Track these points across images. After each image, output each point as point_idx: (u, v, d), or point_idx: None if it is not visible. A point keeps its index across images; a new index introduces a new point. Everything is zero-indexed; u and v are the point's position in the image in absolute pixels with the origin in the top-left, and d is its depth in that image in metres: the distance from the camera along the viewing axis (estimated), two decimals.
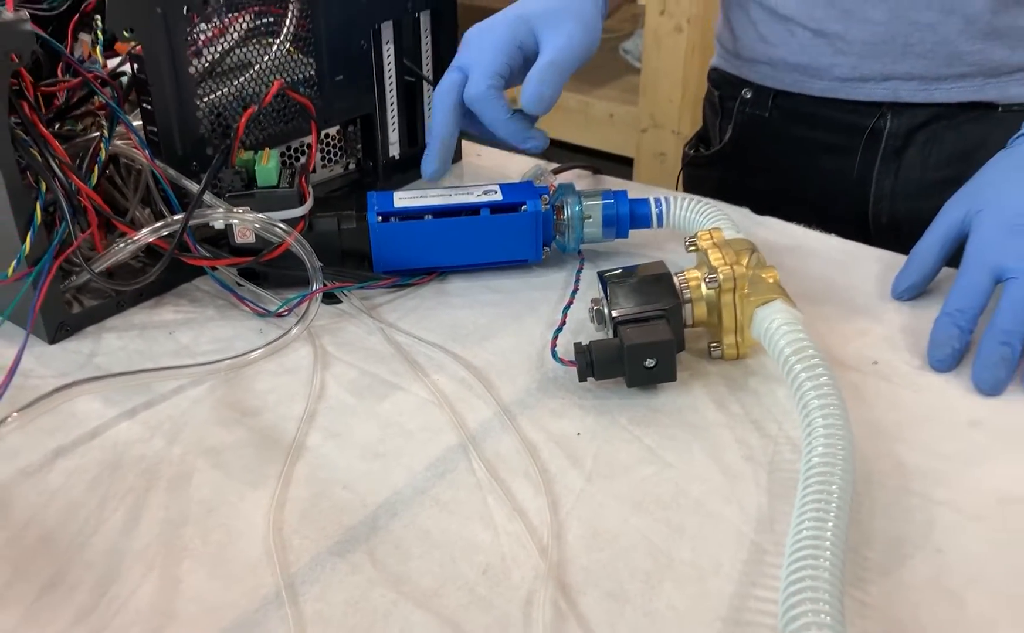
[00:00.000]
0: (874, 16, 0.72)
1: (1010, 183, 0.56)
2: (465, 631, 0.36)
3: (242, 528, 0.41)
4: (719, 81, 0.89)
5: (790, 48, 0.79)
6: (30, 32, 0.49)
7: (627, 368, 0.48)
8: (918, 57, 0.72)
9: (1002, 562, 0.39)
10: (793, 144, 0.82)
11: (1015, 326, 0.50)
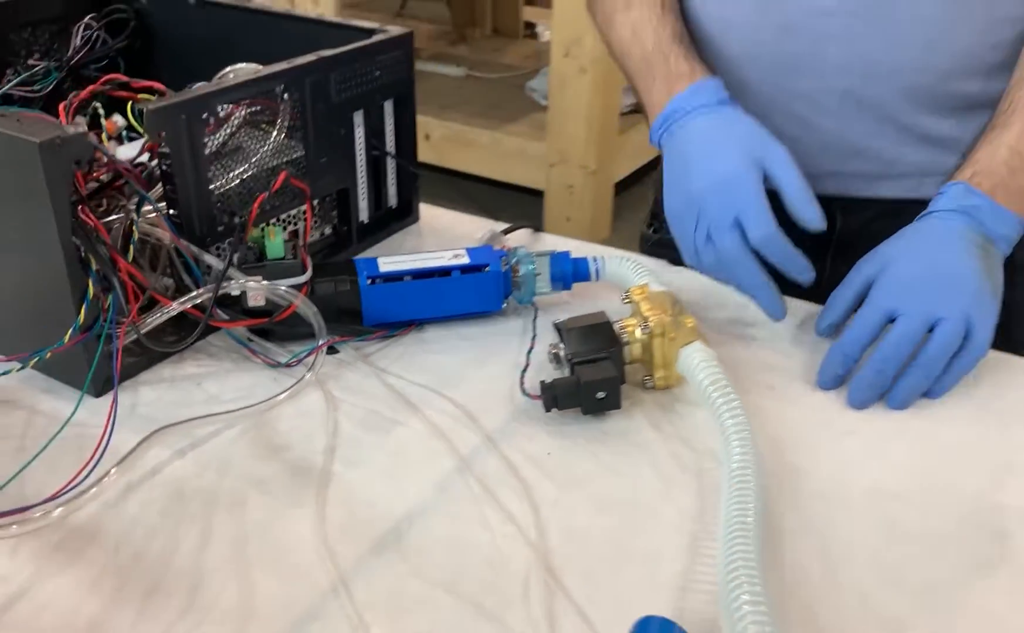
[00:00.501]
0: (824, 124, 0.80)
1: (910, 250, 0.68)
2: (481, 607, 0.48)
3: (294, 541, 0.52)
4: None
5: None
6: (89, 143, 0.59)
7: (583, 400, 0.61)
8: (864, 159, 0.81)
9: (868, 541, 0.53)
10: None
11: (893, 355, 0.63)
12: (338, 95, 0.78)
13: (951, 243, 0.67)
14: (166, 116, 0.64)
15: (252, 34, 0.94)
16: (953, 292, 0.65)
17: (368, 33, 0.85)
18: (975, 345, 0.64)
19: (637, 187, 3.21)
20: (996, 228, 0.68)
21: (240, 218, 0.70)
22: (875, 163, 0.82)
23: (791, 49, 0.79)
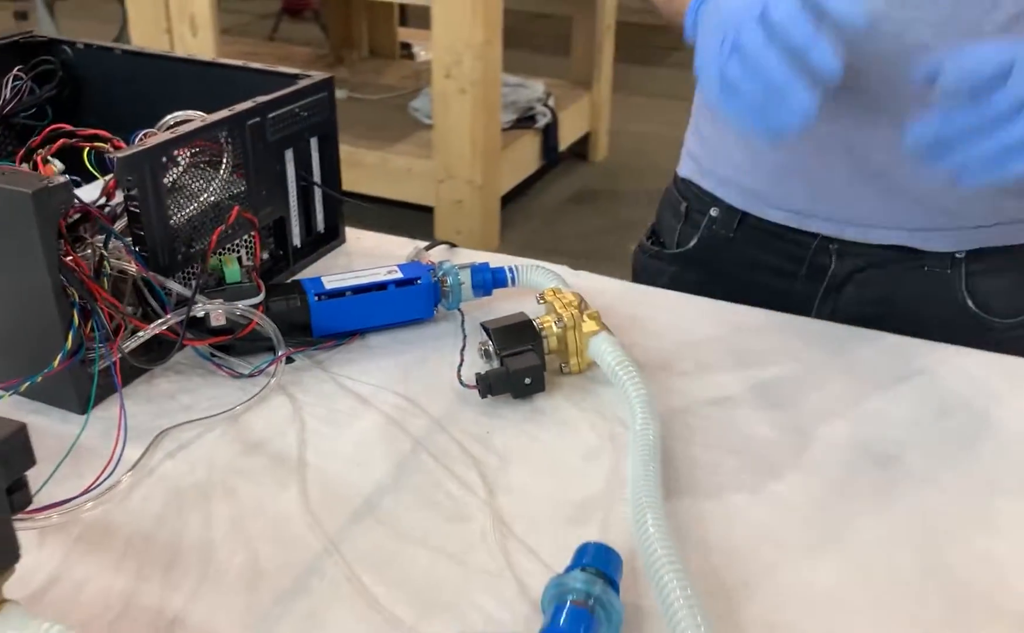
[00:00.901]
0: (833, 164, 0.85)
1: None
2: (449, 553, 0.59)
3: (284, 516, 0.62)
4: (688, 193, 1.01)
5: (757, 172, 0.92)
6: (72, 191, 0.67)
7: (513, 386, 0.73)
8: (858, 207, 0.87)
9: (743, 471, 0.66)
10: (748, 262, 0.96)
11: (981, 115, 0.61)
12: (272, 135, 0.88)
13: None
14: (134, 162, 0.73)
15: (177, 81, 1.02)
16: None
17: (291, 78, 0.95)
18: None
19: (522, 198, 3.36)
20: None
21: (197, 247, 0.79)
22: (870, 213, 0.87)
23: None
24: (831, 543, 0.60)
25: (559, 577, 0.53)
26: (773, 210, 0.93)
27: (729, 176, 0.97)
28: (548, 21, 4.90)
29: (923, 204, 0.86)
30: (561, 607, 0.51)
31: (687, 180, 1.03)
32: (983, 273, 0.88)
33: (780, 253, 0.94)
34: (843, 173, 0.86)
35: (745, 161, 0.94)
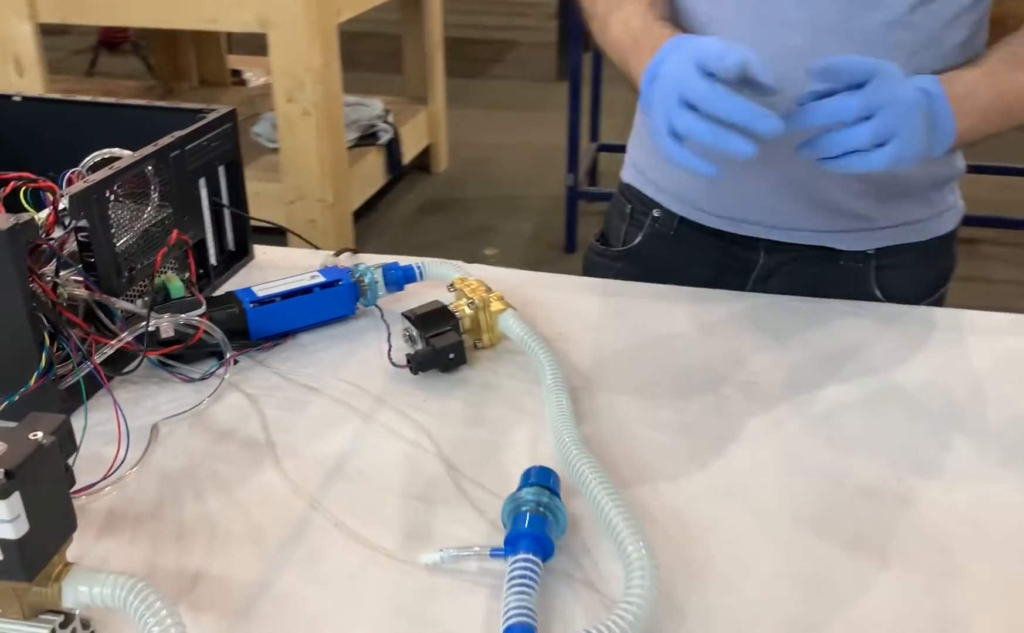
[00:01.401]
0: (763, 177, 0.97)
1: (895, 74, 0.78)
2: (414, 495, 0.71)
3: (268, 486, 0.72)
4: (632, 197, 1.13)
5: (695, 186, 1.05)
6: (37, 226, 0.75)
7: (439, 361, 0.86)
8: (777, 212, 1.01)
9: (634, 397, 0.82)
10: (686, 257, 1.08)
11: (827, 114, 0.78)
12: (190, 165, 0.97)
13: (907, 84, 0.79)
14: (84, 197, 0.81)
15: (80, 123, 1.09)
16: (894, 104, 0.77)
17: (193, 114, 1.03)
18: (887, 153, 0.77)
19: (372, 213, 3.46)
20: (940, 112, 0.81)
21: (137, 269, 0.88)
22: (792, 218, 1.01)
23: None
24: (707, 456, 0.77)
25: (513, 495, 0.67)
26: (708, 216, 1.06)
27: (668, 186, 1.09)
28: (375, 39, 5.01)
29: (839, 210, 1.00)
30: (520, 516, 0.65)
31: (631, 185, 1.15)
32: (890, 267, 1.03)
33: (715, 249, 1.07)
34: (769, 186, 0.99)
35: (683, 176, 1.02)
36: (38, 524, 0.53)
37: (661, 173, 1.10)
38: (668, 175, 1.09)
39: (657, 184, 1.11)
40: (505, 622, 0.58)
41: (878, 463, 0.75)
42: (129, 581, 0.54)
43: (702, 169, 0.79)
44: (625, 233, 1.15)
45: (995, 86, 0.86)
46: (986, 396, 0.84)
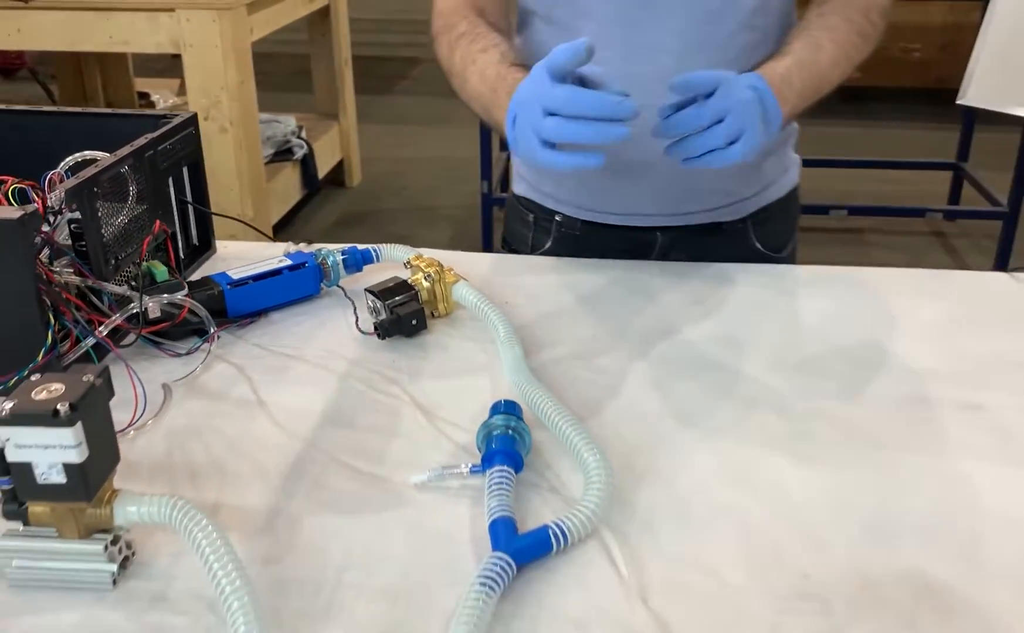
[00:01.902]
0: (643, 176, 1.12)
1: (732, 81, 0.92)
2: (397, 433, 0.82)
3: (267, 434, 0.82)
4: (531, 207, 1.24)
5: (590, 194, 1.18)
6: (41, 216, 0.83)
7: (403, 328, 0.97)
8: (668, 205, 1.16)
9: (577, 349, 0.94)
10: (594, 250, 1.18)
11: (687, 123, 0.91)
12: (161, 165, 1.06)
13: (743, 87, 0.92)
14: (78, 192, 0.89)
15: (45, 131, 1.16)
16: (741, 106, 0.91)
17: (156, 119, 1.12)
18: (737, 149, 0.91)
19: (291, 228, 3.52)
20: (769, 106, 0.95)
21: (122, 258, 0.96)
22: (675, 207, 1.16)
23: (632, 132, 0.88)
24: (643, 391, 0.90)
25: (485, 422, 0.78)
26: (607, 215, 1.19)
27: (565, 197, 1.21)
28: (283, 60, 5.05)
29: (717, 190, 1.17)
30: (493, 438, 0.76)
31: (527, 197, 1.26)
32: (762, 223, 1.21)
33: (618, 239, 1.19)
34: (655, 183, 1.13)
35: (576, 187, 1.18)
36: (94, 451, 0.62)
37: (555, 187, 1.22)
38: (561, 187, 1.21)
39: (555, 197, 1.23)
40: (490, 518, 0.69)
41: (781, 378, 0.89)
42: (172, 499, 0.64)
43: (589, 162, 0.86)
44: (533, 239, 1.26)
45: (803, 70, 1.01)
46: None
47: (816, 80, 1.03)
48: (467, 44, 1.06)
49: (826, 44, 1.04)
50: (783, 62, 1.01)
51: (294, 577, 0.66)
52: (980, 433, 0.82)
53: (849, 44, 1.05)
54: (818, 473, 0.77)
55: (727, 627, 0.62)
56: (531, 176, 1.26)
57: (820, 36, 1.04)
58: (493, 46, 1.04)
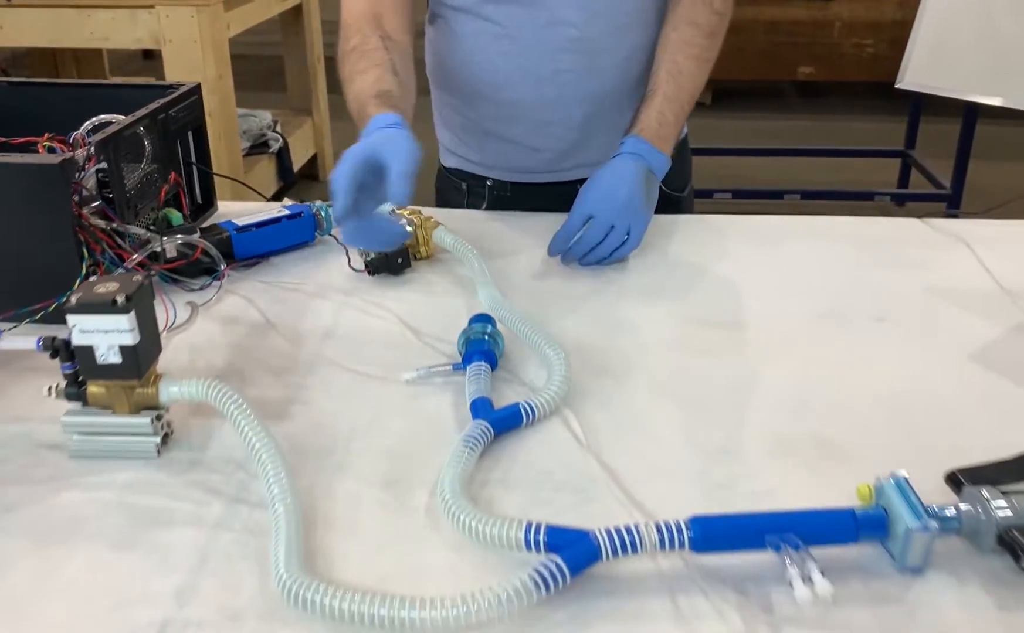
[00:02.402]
0: (568, 137, 1.26)
1: (602, 179, 1.12)
2: (386, 345, 0.96)
3: (278, 348, 0.95)
4: (463, 177, 1.37)
5: (517, 158, 1.31)
6: (77, 161, 0.96)
7: (391, 266, 1.11)
8: (580, 157, 1.28)
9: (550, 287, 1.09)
10: (525, 207, 1.31)
11: (587, 243, 1.09)
12: (171, 127, 1.19)
13: (627, 175, 1.12)
14: (105, 144, 1.02)
15: (62, 101, 1.28)
16: (625, 210, 1.10)
17: (164, 88, 1.25)
18: (631, 243, 1.12)
19: None
20: (654, 163, 1.15)
21: (140, 208, 1.09)
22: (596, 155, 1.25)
23: (544, 94, 1.19)
24: (594, 312, 1.04)
25: (464, 330, 0.92)
26: (531, 175, 1.33)
27: (494, 163, 1.34)
28: (254, 61, 5.16)
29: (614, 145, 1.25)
30: (471, 341, 0.90)
31: (457, 169, 1.38)
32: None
33: (545, 194, 1.32)
34: (565, 142, 1.28)
35: (504, 152, 1.32)
36: (143, 337, 0.76)
37: (484, 155, 1.35)
38: (490, 155, 1.34)
39: (483, 164, 1.36)
40: (471, 399, 0.83)
41: (715, 299, 1.04)
42: (207, 380, 0.77)
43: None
44: (468, 205, 1.39)
45: (673, 102, 1.18)
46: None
47: (685, 102, 1.20)
48: (354, 60, 1.12)
49: (684, 63, 1.20)
50: (654, 104, 1.17)
51: (310, 445, 0.80)
52: (879, 336, 0.98)
53: (701, 49, 1.21)
54: (744, 367, 0.92)
55: (665, 472, 0.77)
56: (459, 149, 1.38)
57: (678, 59, 1.20)
58: (375, 66, 1.10)
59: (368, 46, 1.13)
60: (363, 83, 1.09)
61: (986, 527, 0.67)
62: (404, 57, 1.15)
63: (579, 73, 1.22)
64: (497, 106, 1.27)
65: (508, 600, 0.60)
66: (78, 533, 0.70)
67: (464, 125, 1.35)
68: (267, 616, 0.62)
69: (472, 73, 1.26)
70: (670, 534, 0.64)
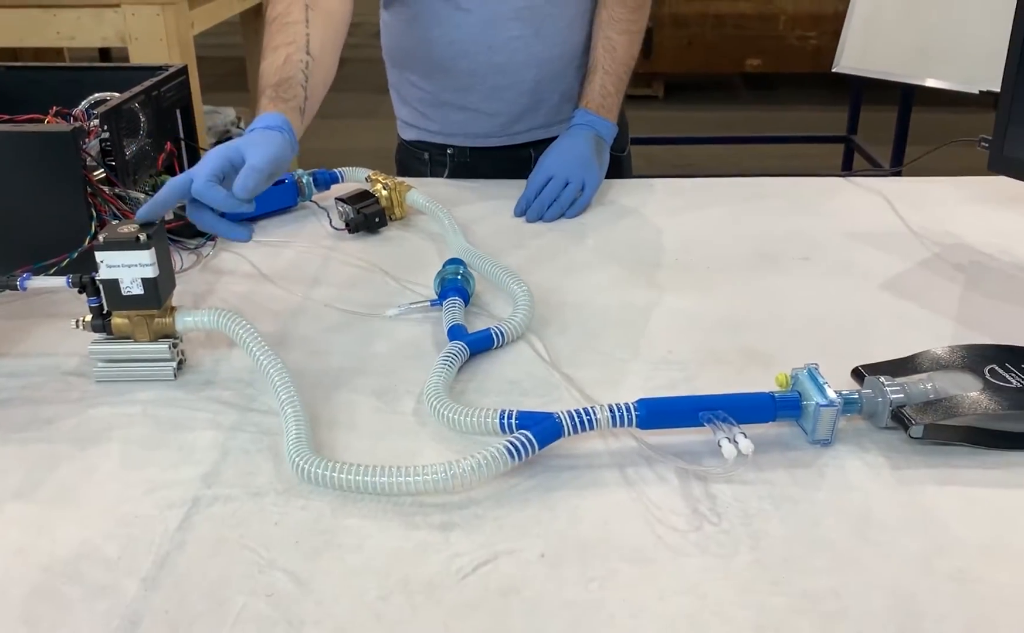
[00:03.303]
0: (520, 101, 1.40)
1: (560, 145, 1.33)
2: (369, 289, 1.08)
3: (272, 293, 1.07)
4: (424, 147, 1.48)
5: (473, 125, 1.43)
6: (86, 130, 1.07)
7: (369, 224, 1.23)
8: (538, 122, 1.43)
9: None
10: (483, 172, 1.44)
11: (547, 198, 1.27)
12: (163, 104, 1.29)
13: (579, 142, 1.33)
14: (109, 116, 1.13)
15: (57, 84, 1.38)
16: (579, 167, 1.30)
17: (154, 69, 1.35)
18: (585, 196, 1.30)
19: None
20: (602, 131, 1.35)
21: (138, 176, 1.20)
22: (531, 124, 1.44)
23: (497, 61, 1.35)
24: (551, 259, 1.17)
25: (439, 271, 1.04)
26: (489, 139, 1.45)
27: (453, 131, 1.46)
28: (214, 63, 5.23)
29: (568, 105, 1.42)
30: (446, 280, 1.02)
31: (418, 140, 1.50)
32: None
33: (501, 158, 1.46)
34: (517, 107, 1.41)
35: (461, 120, 1.43)
36: (162, 272, 0.87)
37: (443, 124, 1.46)
38: (449, 124, 1.45)
39: (443, 132, 1.47)
40: (447, 326, 0.95)
41: (661, 243, 1.17)
42: (218, 310, 0.89)
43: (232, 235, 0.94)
44: (431, 173, 1.50)
45: (611, 75, 1.37)
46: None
47: (622, 73, 1.38)
48: (273, 31, 1.10)
49: (616, 39, 1.36)
50: (595, 79, 1.36)
51: (308, 368, 0.91)
52: (804, 271, 1.12)
53: (630, 22, 1.37)
54: (685, 298, 1.06)
55: (614, 379, 0.90)
56: (419, 122, 1.49)
57: (611, 34, 1.37)
58: (286, 44, 1.07)
59: (289, 17, 1.11)
60: (270, 64, 1.07)
61: (882, 407, 0.80)
62: (327, 28, 1.13)
63: (527, 39, 1.35)
64: (455, 76, 1.39)
65: (487, 464, 0.72)
66: (111, 438, 0.81)
67: (423, 98, 1.46)
68: (284, 492, 0.74)
69: (431, 48, 1.38)
70: (620, 413, 0.77)
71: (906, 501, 0.73)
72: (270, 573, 0.66)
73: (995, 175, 1.13)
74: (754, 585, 0.65)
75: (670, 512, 0.72)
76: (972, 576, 0.65)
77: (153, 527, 0.70)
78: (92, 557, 0.67)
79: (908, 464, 0.77)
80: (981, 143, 1.13)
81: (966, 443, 0.79)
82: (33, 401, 0.87)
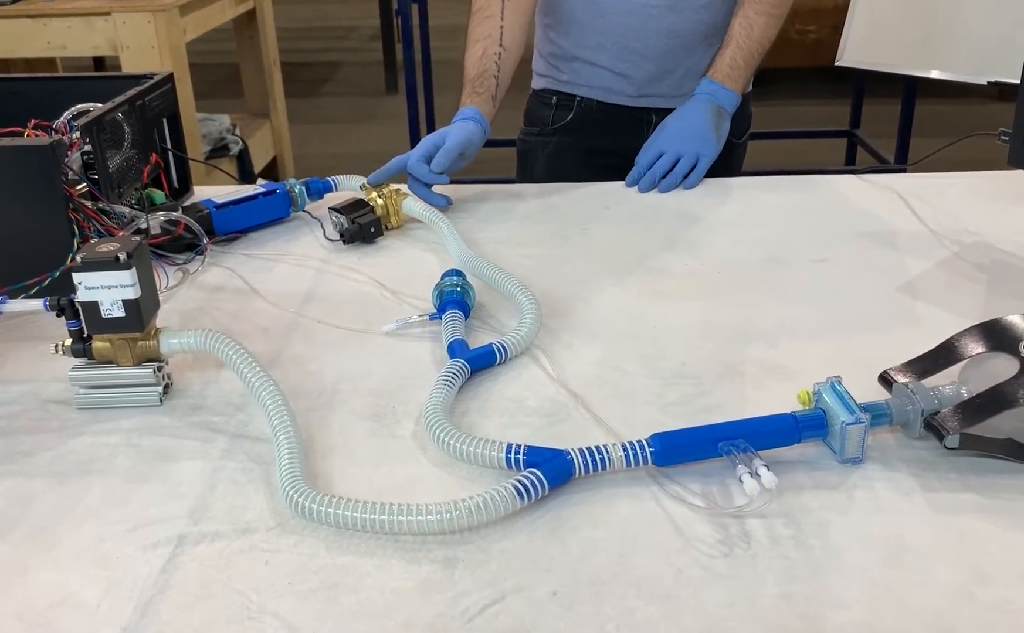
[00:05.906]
0: (646, 67, 1.45)
1: (675, 118, 1.38)
2: (365, 303, 1.03)
3: (262, 310, 1.02)
4: (554, 93, 1.54)
5: (601, 81, 1.49)
6: (66, 143, 1.02)
7: (364, 235, 1.18)
8: (664, 90, 1.47)
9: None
10: (605, 126, 1.52)
11: (659, 172, 1.32)
12: (148, 114, 1.24)
13: (699, 111, 1.38)
14: (89, 128, 1.08)
15: (42, 95, 1.33)
16: (693, 140, 1.35)
17: (139, 78, 1.31)
18: (699, 169, 1.34)
19: None
20: (724, 101, 1.39)
21: (123, 189, 1.15)
22: (665, 91, 1.49)
23: (631, 24, 1.42)
24: (557, 264, 1.12)
25: (437, 283, 0.99)
26: (616, 95, 1.50)
27: (584, 82, 1.51)
28: (207, 69, 5.18)
29: (688, 85, 1.46)
30: (445, 292, 0.97)
31: (548, 88, 1.56)
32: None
33: (622, 116, 1.51)
34: (640, 78, 1.47)
35: (593, 74, 1.49)
36: (144, 292, 0.82)
37: (574, 75, 1.53)
38: (578, 76, 1.52)
39: (573, 83, 1.53)
40: (447, 342, 0.90)
41: (667, 252, 1.12)
42: (204, 330, 0.84)
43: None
44: (554, 116, 1.56)
45: (743, 49, 1.41)
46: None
47: (756, 51, 1.42)
48: (474, 24, 1.39)
49: (755, 18, 1.42)
50: (727, 52, 1.41)
51: (301, 389, 0.87)
52: (819, 274, 1.07)
53: (772, 5, 1.42)
54: (696, 306, 1.01)
55: (625, 396, 0.85)
56: (550, 72, 1.56)
57: (750, 13, 1.42)
58: (483, 38, 1.36)
59: (488, 11, 1.38)
60: (470, 58, 1.37)
61: (913, 415, 0.75)
62: (519, 14, 1.38)
63: (662, 9, 1.42)
64: (589, 34, 1.47)
65: (494, 504, 0.67)
66: (92, 471, 0.76)
67: (556, 53, 1.53)
68: (276, 528, 0.69)
69: (573, 5, 1.46)
70: (634, 451, 0.72)
71: (942, 524, 0.68)
72: (260, 619, 0.61)
73: (1016, 169, 1.08)
74: (783, 621, 0.60)
75: (690, 543, 0.67)
76: (1018, 606, 0.60)
77: (135, 569, 0.65)
78: (69, 604, 0.63)
79: (943, 483, 0.72)
80: (1001, 136, 1.08)
81: (1005, 455, 0.74)
82: (10, 432, 0.82)
